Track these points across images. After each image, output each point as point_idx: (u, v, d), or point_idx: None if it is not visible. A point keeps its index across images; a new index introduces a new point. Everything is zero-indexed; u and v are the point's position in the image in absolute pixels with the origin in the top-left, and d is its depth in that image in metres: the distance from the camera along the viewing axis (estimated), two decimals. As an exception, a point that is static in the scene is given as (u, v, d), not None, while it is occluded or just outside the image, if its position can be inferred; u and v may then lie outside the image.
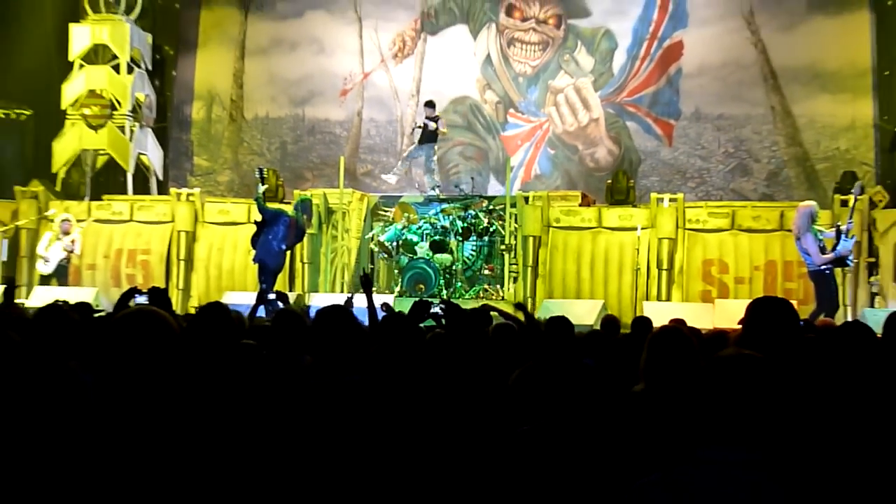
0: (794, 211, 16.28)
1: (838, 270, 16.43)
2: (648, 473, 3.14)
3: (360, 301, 9.15)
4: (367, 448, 4.69)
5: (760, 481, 2.98)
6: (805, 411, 4.36)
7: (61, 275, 18.62)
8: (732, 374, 3.08)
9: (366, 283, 8.64)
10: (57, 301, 6.27)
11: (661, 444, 4.40)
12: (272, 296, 13.58)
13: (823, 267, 15.51)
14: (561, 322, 6.33)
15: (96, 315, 8.57)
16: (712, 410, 3.06)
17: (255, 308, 9.87)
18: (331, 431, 4.75)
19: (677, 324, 8.85)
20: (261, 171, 16.49)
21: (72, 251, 18.60)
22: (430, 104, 19.60)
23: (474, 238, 18.68)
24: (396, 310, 7.64)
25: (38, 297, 17.32)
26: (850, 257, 15.75)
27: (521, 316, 7.59)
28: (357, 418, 4.79)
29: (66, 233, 18.56)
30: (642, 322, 9.43)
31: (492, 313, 7.72)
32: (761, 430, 3.03)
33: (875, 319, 11.85)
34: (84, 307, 8.73)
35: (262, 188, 16.15)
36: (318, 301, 16.80)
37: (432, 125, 19.05)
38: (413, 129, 20.13)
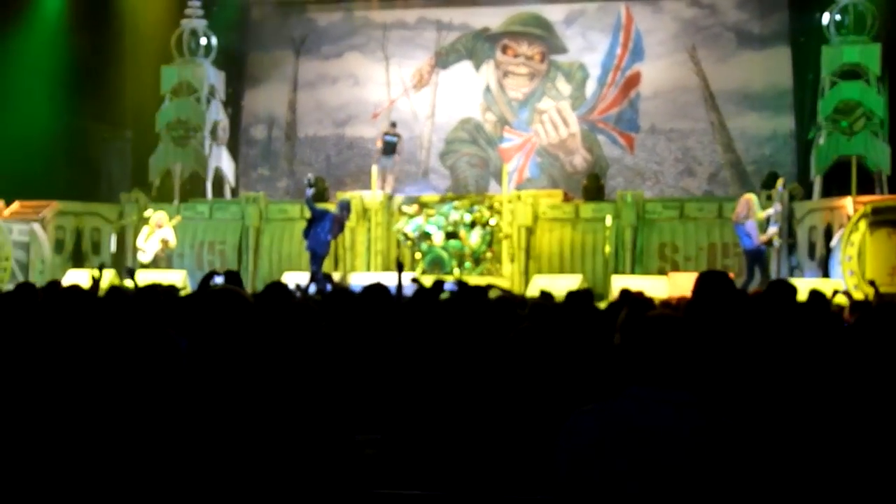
0: (735, 202, 16.30)
1: (770, 248, 16.49)
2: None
3: (388, 280, 9.17)
4: (417, 388, 4.72)
5: (673, 413, 2.98)
6: (730, 359, 4.35)
7: (157, 262, 18.63)
8: (654, 329, 3.07)
9: (399, 267, 8.71)
10: (155, 283, 6.31)
11: (606, 386, 4.40)
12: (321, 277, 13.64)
13: (760, 246, 15.55)
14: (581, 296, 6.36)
15: (182, 294, 8.60)
16: (640, 357, 3.06)
17: (307, 287, 9.90)
18: (389, 379, 4.77)
19: (627, 293, 8.77)
20: (309, 178, 16.50)
21: (168, 241, 18.60)
22: (393, 124, 20.37)
23: (479, 228, 18.66)
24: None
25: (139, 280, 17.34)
26: (776, 240, 15.76)
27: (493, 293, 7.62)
28: (406, 369, 4.81)
29: (160, 226, 18.56)
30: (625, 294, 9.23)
31: (491, 291, 7.76)
32: (676, 374, 3.03)
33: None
34: (172, 288, 8.76)
35: (310, 192, 16.13)
36: (357, 279, 16.83)
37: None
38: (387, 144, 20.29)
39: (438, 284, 7.28)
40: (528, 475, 4.15)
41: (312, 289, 12.25)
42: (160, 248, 18.53)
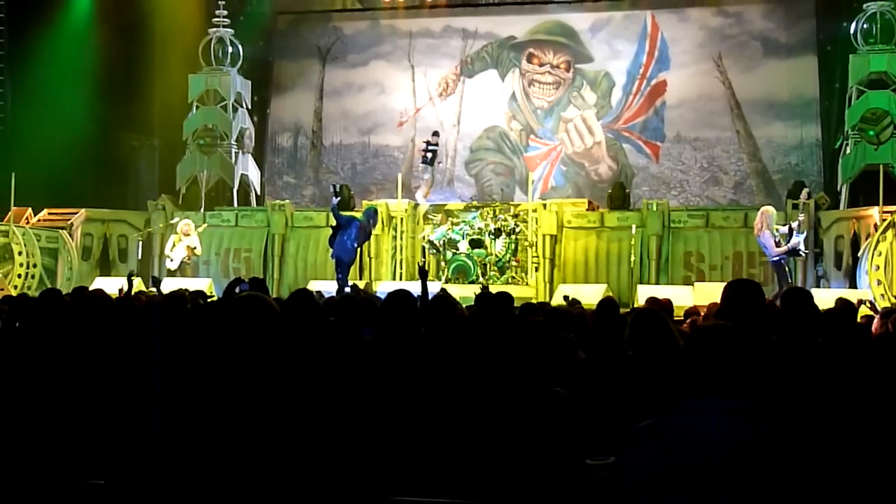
0: (757, 212, 16.20)
1: (796, 258, 16.39)
2: (644, 421, 3.10)
3: (413, 287, 9.14)
4: (432, 396, 4.69)
5: (733, 422, 2.93)
6: (773, 369, 4.31)
7: (183, 270, 18.68)
8: (709, 340, 3.04)
9: (422, 273, 8.66)
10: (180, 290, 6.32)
11: (653, 398, 4.35)
12: (347, 289, 13.67)
13: (778, 257, 15.43)
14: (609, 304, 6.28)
15: (209, 300, 8.61)
16: (695, 369, 3.01)
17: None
18: (406, 388, 4.74)
19: (653, 303, 8.74)
20: (335, 186, 16.52)
21: (194, 248, 18.64)
22: (435, 133, 20.23)
23: (504, 236, 18.62)
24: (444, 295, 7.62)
25: (165, 287, 17.41)
26: (802, 249, 15.64)
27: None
28: (423, 378, 4.78)
29: (186, 234, 18.60)
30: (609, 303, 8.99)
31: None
32: (734, 383, 2.98)
33: (819, 298, 11.72)
34: (200, 293, 8.79)
35: (335, 200, 16.13)
36: (383, 287, 16.80)
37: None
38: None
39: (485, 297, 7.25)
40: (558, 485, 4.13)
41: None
42: (186, 255, 18.58)
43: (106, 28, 21.50)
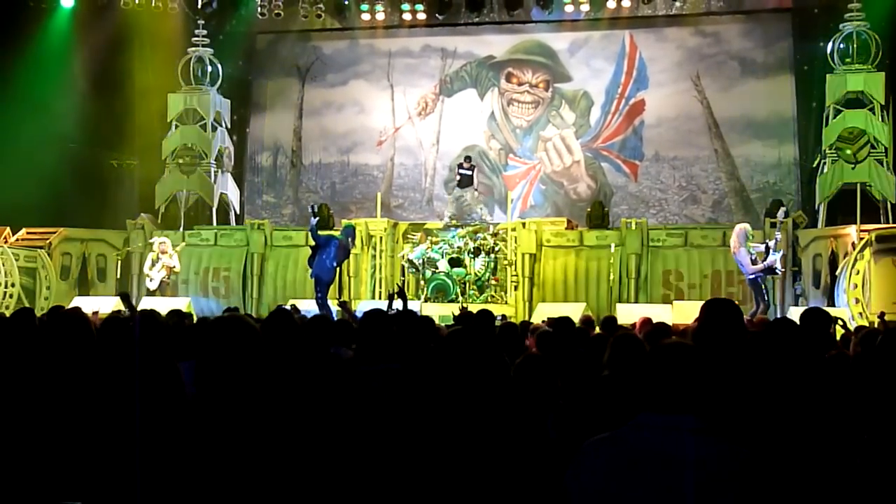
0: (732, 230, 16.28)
1: (774, 276, 16.45)
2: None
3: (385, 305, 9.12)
4: (409, 418, 4.67)
5: (686, 440, 2.94)
6: (740, 387, 4.33)
7: (162, 289, 18.63)
8: (668, 357, 3.05)
9: (401, 293, 8.67)
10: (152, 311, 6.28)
11: (617, 414, 4.36)
12: (332, 303, 13.63)
13: (755, 275, 15.49)
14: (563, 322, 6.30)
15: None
16: (650, 385, 3.03)
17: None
18: (381, 408, 4.72)
19: (647, 322, 8.79)
20: (313, 207, 16.45)
21: (173, 267, 18.60)
22: (468, 157, 20.56)
23: (483, 255, 18.63)
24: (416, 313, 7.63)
25: (144, 306, 17.38)
26: (779, 267, 15.71)
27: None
28: (399, 397, 4.77)
29: (164, 252, 18.55)
30: (610, 321, 9.35)
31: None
32: (688, 401, 3.00)
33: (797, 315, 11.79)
34: (179, 313, 8.75)
35: (314, 220, 16.09)
36: (362, 306, 16.76)
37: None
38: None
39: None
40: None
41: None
42: (166, 275, 18.53)
43: (85, 47, 21.49)
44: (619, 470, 2.97)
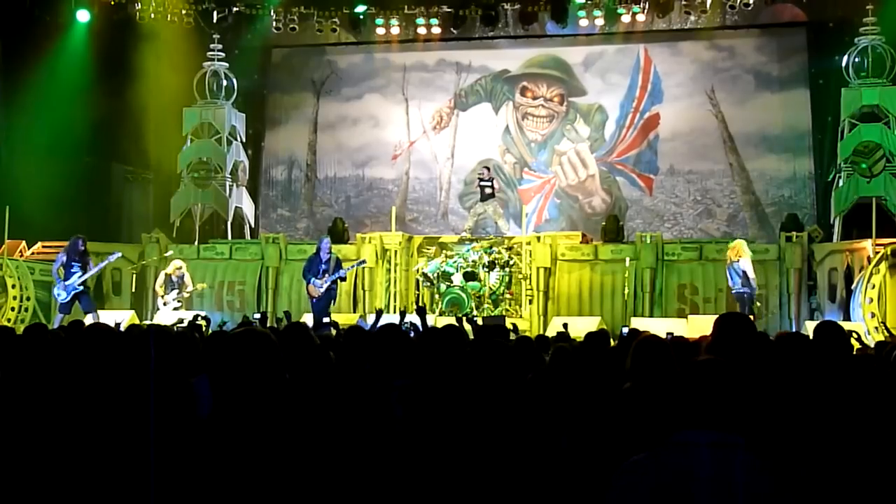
0: (752, 244, 16.41)
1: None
2: (637, 454, 3.12)
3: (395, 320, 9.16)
4: (416, 434, 4.68)
5: (726, 457, 2.96)
6: (764, 403, 4.34)
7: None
8: (704, 374, 3.06)
9: (421, 311, 8.72)
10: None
11: (648, 431, 4.35)
12: (326, 319, 13.76)
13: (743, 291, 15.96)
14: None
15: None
16: (689, 403, 3.04)
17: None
18: (386, 423, 4.74)
19: (670, 338, 8.76)
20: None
21: (186, 287, 18.66)
22: (487, 168, 20.74)
23: (498, 269, 18.65)
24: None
25: (158, 319, 17.54)
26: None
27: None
28: (414, 413, 4.78)
29: (180, 279, 18.58)
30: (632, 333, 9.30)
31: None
32: (727, 417, 3.01)
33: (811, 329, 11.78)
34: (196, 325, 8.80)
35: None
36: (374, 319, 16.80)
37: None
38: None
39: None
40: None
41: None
42: (180, 305, 18.50)
43: (100, 61, 21.60)
44: (662, 489, 2.98)
